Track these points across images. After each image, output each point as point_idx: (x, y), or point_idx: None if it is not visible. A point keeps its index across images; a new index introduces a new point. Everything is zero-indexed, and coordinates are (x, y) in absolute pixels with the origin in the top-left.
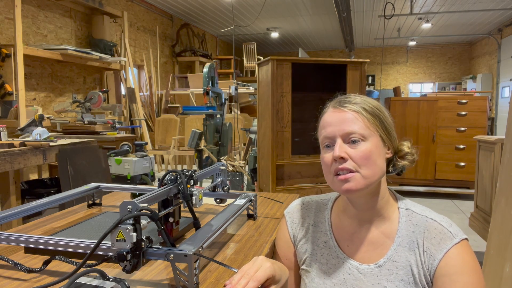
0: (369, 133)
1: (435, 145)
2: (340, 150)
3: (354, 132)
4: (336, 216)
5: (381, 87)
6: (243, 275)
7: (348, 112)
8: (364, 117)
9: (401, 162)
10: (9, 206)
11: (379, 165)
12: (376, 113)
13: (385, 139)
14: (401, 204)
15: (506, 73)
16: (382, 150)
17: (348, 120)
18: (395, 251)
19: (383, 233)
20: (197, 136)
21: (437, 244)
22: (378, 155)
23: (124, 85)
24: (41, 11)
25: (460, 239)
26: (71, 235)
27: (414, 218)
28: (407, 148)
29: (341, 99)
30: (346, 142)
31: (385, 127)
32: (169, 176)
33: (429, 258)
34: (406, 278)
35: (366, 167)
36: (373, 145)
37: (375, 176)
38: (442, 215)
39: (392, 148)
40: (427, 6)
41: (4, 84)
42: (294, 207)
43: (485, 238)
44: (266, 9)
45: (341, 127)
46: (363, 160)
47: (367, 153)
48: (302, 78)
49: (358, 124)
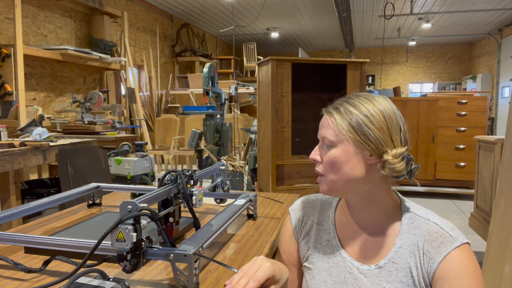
0: (337, 139)
1: (435, 145)
2: (314, 153)
3: (325, 137)
4: (340, 215)
5: (381, 87)
6: (243, 275)
7: (326, 118)
8: (335, 123)
9: (381, 171)
10: (9, 206)
11: (345, 171)
12: (354, 118)
13: (360, 144)
14: (404, 207)
15: (506, 73)
16: (355, 157)
17: (325, 126)
18: (396, 253)
19: (384, 234)
20: (197, 136)
21: (437, 247)
22: (345, 162)
23: (124, 85)
24: (41, 11)
25: (461, 243)
26: (71, 235)
27: (417, 221)
28: (389, 156)
29: (334, 102)
30: (323, 146)
31: (363, 132)
32: (169, 176)
33: (429, 261)
34: (405, 280)
35: (331, 173)
36: (340, 152)
37: (340, 182)
38: (445, 219)
39: (375, 153)
40: (427, 6)
41: (4, 84)
42: (299, 205)
43: (485, 238)
44: (266, 9)
45: (320, 131)
46: (328, 165)
47: (332, 159)
48: (302, 78)
49: (329, 130)
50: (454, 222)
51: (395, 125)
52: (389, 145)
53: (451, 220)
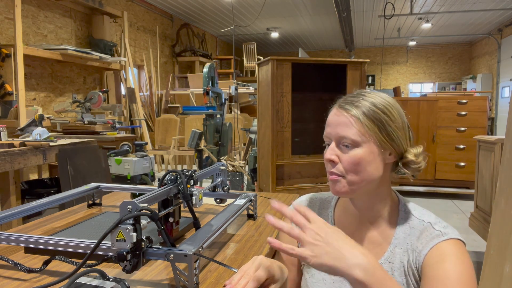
0: (362, 139)
1: (435, 145)
2: (331, 153)
3: (346, 137)
4: (339, 214)
5: (381, 87)
6: (243, 275)
7: (346, 116)
8: (360, 123)
9: (403, 170)
10: (9, 206)
11: (369, 171)
12: (378, 117)
13: (384, 144)
14: (402, 207)
15: (506, 73)
16: (378, 157)
17: (343, 124)
18: (392, 253)
19: (381, 234)
20: (197, 136)
21: (425, 243)
22: (369, 162)
23: (124, 85)
24: (41, 11)
25: (450, 237)
26: (71, 235)
27: (412, 222)
28: (412, 156)
29: (347, 98)
30: (339, 145)
31: (387, 132)
32: (169, 176)
33: (417, 255)
34: (400, 279)
35: (353, 173)
36: (365, 152)
37: (361, 183)
38: (441, 219)
39: (395, 152)
40: (427, 6)
41: (4, 84)
42: (298, 203)
43: (485, 238)
44: (266, 9)
45: (336, 130)
46: (351, 166)
47: (356, 159)
48: (302, 78)
49: (352, 130)
50: (454, 222)
51: (407, 124)
52: (407, 144)
53: (451, 220)
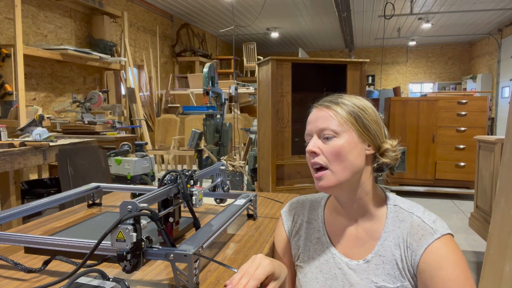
0: (342, 129)
1: (435, 145)
2: (313, 145)
3: (326, 128)
4: (329, 213)
5: (381, 87)
6: (243, 274)
7: (325, 111)
8: (338, 114)
9: (381, 159)
10: (9, 206)
11: (350, 160)
12: (353, 110)
13: (361, 135)
14: (389, 201)
15: (506, 73)
16: (358, 146)
17: (323, 117)
18: (382, 246)
19: (370, 229)
20: (197, 136)
21: (418, 240)
22: (350, 151)
23: (124, 85)
24: (41, 11)
25: (441, 234)
26: (71, 235)
27: (401, 215)
28: (388, 145)
29: (326, 99)
30: (321, 138)
31: (363, 124)
32: (169, 176)
33: (412, 253)
34: (392, 272)
35: (336, 163)
36: (345, 141)
37: (345, 171)
38: (430, 212)
39: (373, 145)
40: (427, 6)
41: (4, 84)
42: (289, 206)
43: (485, 238)
44: (266, 9)
45: (316, 124)
46: (333, 155)
47: (337, 148)
48: (302, 78)
49: (332, 121)
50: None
51: (382, 121)
52: (383, 137)
53: (451, 220)
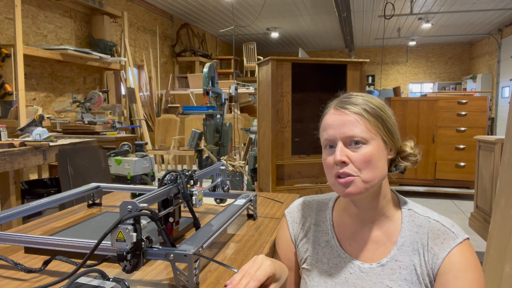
0: (370, 136)
1: (435, 145)
2: (341, 154)
3: (355, 135)
4: (337, 215)
5: (381, 87)
6: (244, 274)
7: (350, 115)
8: (365, 120)
9: (403, 163)
10: (9, 206)
11: (380, 168)
12: (378, 114)
13: (387, 140)
14: (403, 205)
15: (506, 73)
16: (384, 152)
17: (349, 122)
18: (398, 251)
19: (385, 232)
20: (197, 136)
21: (440, 244)
22: (379, 158)
23: (124, 85)
24: (41, 11)
25: (463, 239)
26: (71, 235)
27: (417, 219)
28: (409, 149)
29: (343, 99)
30: (347, 146)
31: (388, 129)
32: (169, 176)
33: (433, 257)
34: (410, 278)
35: (366, 171)
36: (375, 148)
37: (375, 179)
38: (443, 216)
39: (395, 148)
40: (427, 6)
41: (4, 84)
42: (295, 207)
43: (485, 238)
44: (266, 9)
45: (342, 130)
46: (364, 164)
47: (368, 156)
48: (302, 78)
49: (360, 127)
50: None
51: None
52: (401, 141)
53: (451, 220)
